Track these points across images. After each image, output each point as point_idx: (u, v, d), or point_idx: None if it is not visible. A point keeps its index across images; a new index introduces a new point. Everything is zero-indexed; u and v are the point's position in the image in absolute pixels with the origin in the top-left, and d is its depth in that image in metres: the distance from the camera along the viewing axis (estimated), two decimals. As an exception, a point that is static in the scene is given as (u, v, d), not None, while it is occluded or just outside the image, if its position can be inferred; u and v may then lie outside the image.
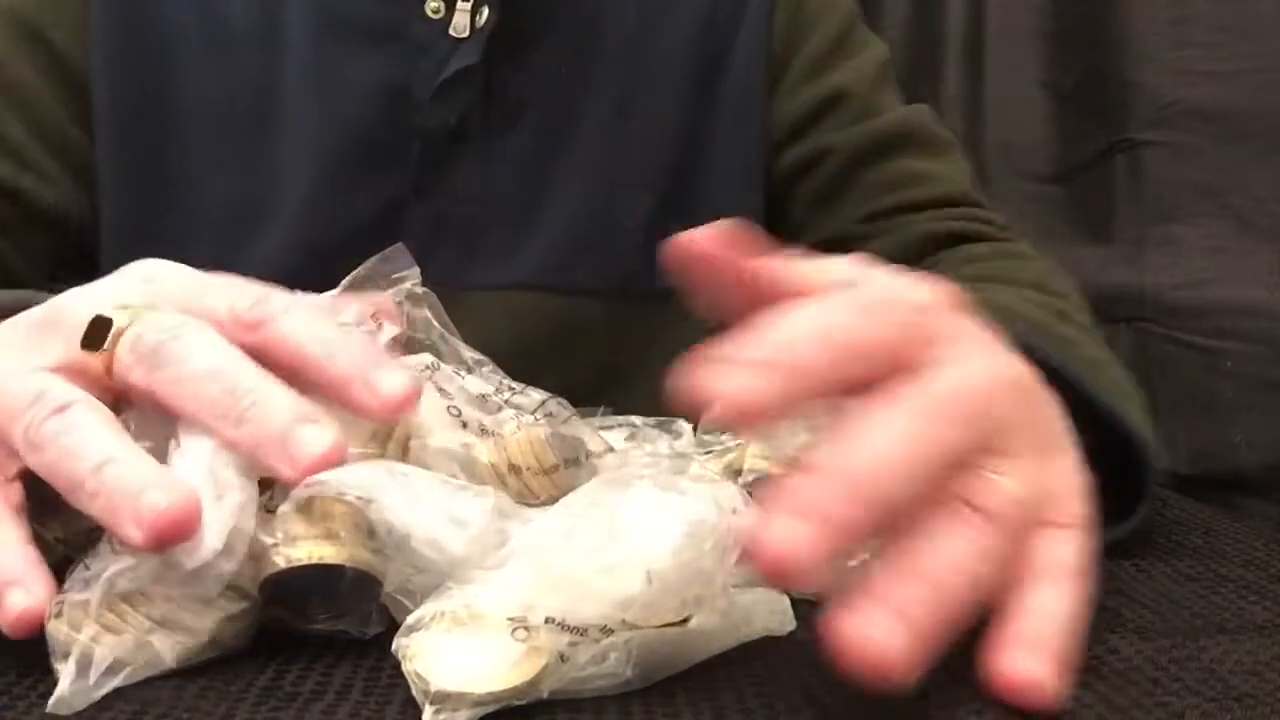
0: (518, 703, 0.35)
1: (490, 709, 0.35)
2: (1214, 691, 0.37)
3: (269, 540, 0.39)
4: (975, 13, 1.24)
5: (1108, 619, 0.44)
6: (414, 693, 0.35)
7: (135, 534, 0.36)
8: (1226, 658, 0.40)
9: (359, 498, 0.39)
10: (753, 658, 0.40)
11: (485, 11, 0.74)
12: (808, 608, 0.45)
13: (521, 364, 0.73)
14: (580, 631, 0.36)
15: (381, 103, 0.74)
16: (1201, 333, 1.06)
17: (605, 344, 0.77)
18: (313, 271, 0.71)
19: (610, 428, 0.55)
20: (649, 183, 0.78)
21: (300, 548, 0.38)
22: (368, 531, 0.39)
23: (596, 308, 0.77)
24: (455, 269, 0.75)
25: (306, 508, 0.39)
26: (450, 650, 0.35)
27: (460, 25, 0.73)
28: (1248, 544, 0.55)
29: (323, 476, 0.39)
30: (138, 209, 0.74)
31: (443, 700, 0.34)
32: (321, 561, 0.38)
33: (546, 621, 0.36)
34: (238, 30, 0.75)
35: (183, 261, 0.67)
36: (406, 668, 0.35)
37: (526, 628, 0.36)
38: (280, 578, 0.39)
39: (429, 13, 0.74)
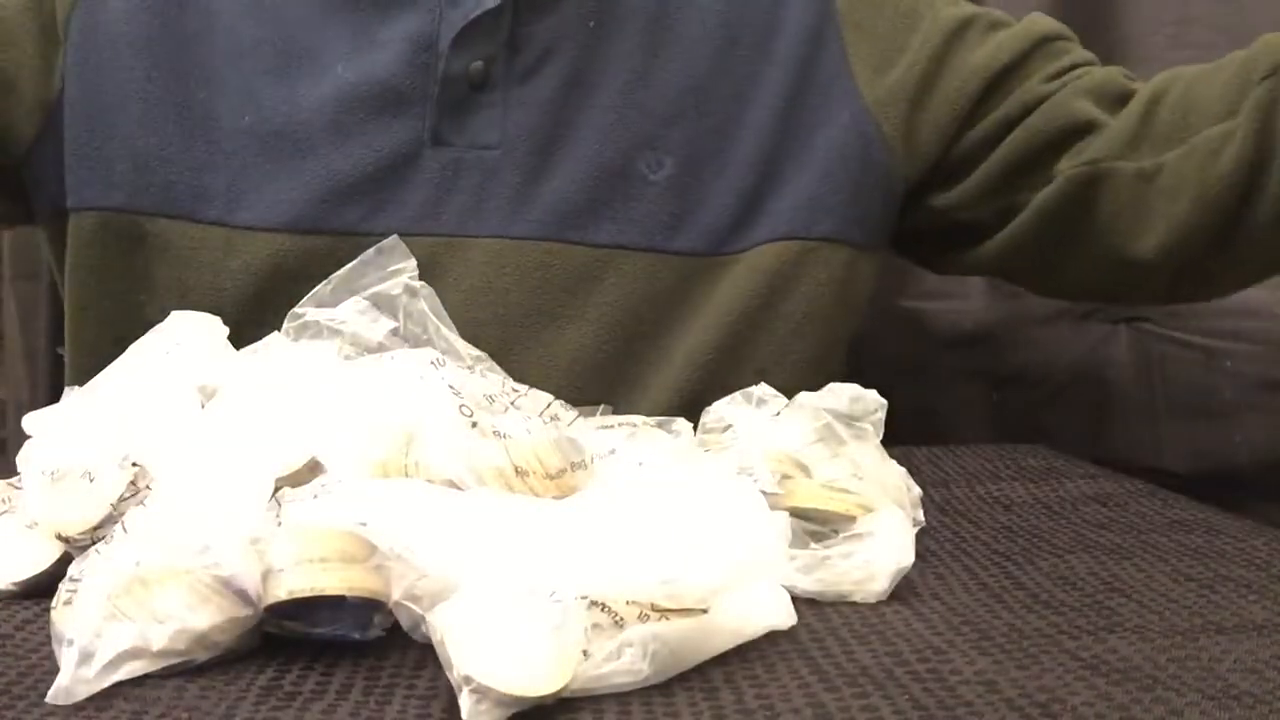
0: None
1: (522, 708, 0.35)
2: (1213, 690, 0.37)
3: (273, 564, 0.39)
4: (975, 13, 1.24)
5: (1108, 618, 0.44)
6: (449, 676, 0.35)
7: None
8: (1226, 656, 0.40)
9: (354, 523, 0.39)
10: (753, 658, 0.40)
11: None
12: (808, 607, 0.45)
13: (535, 318, 0.74)
14: (610, 611, 0.36)
15: (408, 51, 0.75)
16: (1201, 333, 1.05)
17: (627, 304, 0.75)
18: (326, 215, 0.73)
19: (610, 427, 0.56)
20: (674, 144, 0.77)
21: (302, 576, 0.38)
22: (369, 547, 0.39)
23: (616, 264, 0.75)
24: (467, 218, 0.75)
25: (306, 532, 0.39)
26: (485, 633, 0.35)
27: None
28: (1248, 544, 0.55)
29: (317, 505, 0.40)
30: (162, 140, 0.75)
31: (481, 693, 0.34)
32: (323, 593, 0.38)
33: (580, 600, 0.36)
34: None
35: (200, 191, 0.74)
36: (442, 649, 0.35)
37: (560, 604, 0.36)
38: (283, 605, 0.39)
39: None
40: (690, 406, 0.65)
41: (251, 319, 0.66)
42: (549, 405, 0.55)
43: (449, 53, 0.74)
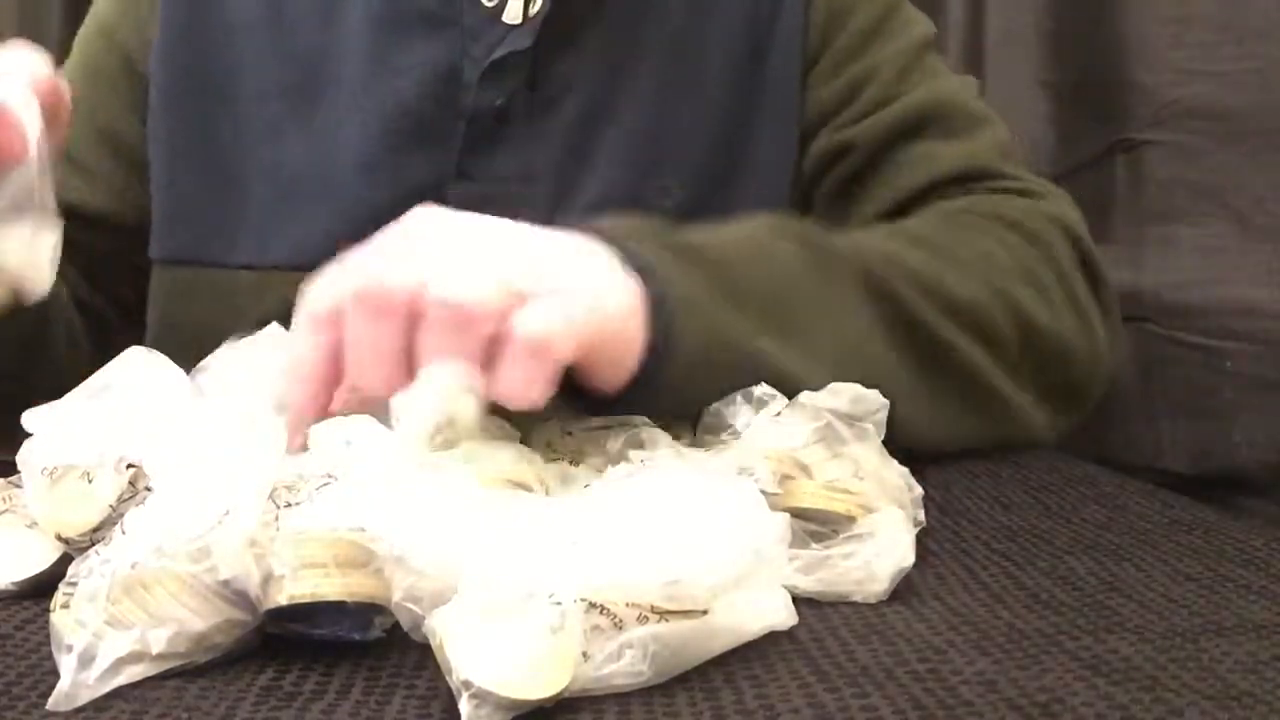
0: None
1: (522, 711, 0.35)
2: (1213, 690, 0.37)
3: (274, 569, 0.39)
4: (975, 13, 1.24)
5: (1108, 618, 0.44)
6: (449, 681, 0.35)
7: None
8: (1226, 657, 0.40)
9: (353, 528, 0.39)
10: (753, 658, 0.40)
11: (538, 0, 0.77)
12: (808, 607, 0.45)
13: None
14: (610, 613, 0.36)
15: (432, 84, 0.76)
16: (1201, 333, 1.06)
17: None
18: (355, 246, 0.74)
19: (610, 428, 0.55)
20: (683, 173, 0.79)
21: (303, 582, 0.38)
22: (369, 551, 0.39)
23: None
24: None
25: (306, 537, 0.39)
26: (483, 637, 0.35)
27: (513, 13, 0.77)
28: (1248, 544, 0.55)
29: (316, 510, 0.40)
30: (190, 188, 0.77)
31: (480, 698, 0.34)
32: (324, 599, 0.38)
33: (580, 602, 0.36)
34: (299, 19, 0.79)
35: (229, 237, 0.77)
36: (440, 654, 0.35)
37: (559, 606, 0.36)
38: (284, 609, 0.39)
39: (484, 1, 0.77)
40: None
41: None
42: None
43: (476, 88, 0.76)
